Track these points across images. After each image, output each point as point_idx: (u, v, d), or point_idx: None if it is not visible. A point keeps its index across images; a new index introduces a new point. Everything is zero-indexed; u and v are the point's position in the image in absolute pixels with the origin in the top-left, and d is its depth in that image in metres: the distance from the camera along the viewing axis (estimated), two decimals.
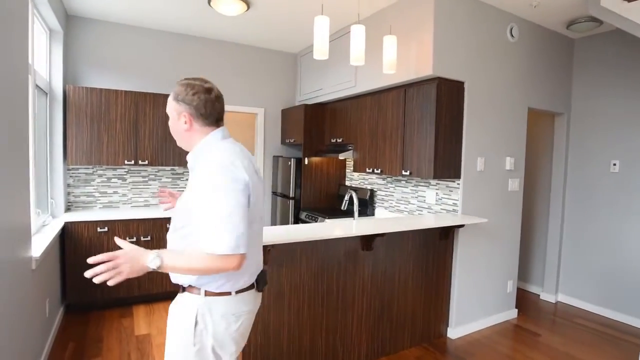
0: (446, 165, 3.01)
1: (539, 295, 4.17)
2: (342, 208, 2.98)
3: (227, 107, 4.53)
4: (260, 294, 1.49)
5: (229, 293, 1.33)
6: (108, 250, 1.44)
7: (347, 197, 2.89)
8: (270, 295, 2.31)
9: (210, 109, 1.38)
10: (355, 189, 4.17)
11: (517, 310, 3.65)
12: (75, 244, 3.28)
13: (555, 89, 3.77)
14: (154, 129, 3.77)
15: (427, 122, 2.97)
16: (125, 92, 3.64)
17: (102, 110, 3.56)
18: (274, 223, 4.77)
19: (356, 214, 2.95)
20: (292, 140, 4.49)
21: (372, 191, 3.99)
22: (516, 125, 3.46)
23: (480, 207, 3.22)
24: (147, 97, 3.73)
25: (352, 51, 2.68)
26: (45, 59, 3.33)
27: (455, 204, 3.14)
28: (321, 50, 2.52)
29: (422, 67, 2.92)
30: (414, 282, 2.94)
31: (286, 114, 4.70)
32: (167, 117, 1.50)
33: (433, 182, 3.33)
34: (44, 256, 2.47)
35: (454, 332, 3.16)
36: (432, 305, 3.08)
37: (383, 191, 3.90)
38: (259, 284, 1.43)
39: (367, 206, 3.98)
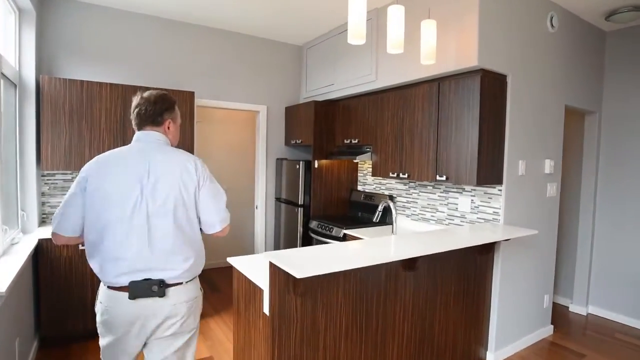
0: (489, 169, 2.65)
1: (567, 307, 3.89)
2: (374, 220, 2.57)
3: (225, 104, 3.97)
4: (145, 302, 1.45)
5: (104, 284, 1.49)
6: (92, 273, 1.47)
7: (380, 208, 2.48)
8: (304, 331, 1.88)
9: (132, 116, 1.60)
10: (371, 195, 3.78)
11: (552, 326, 3.33)
12: (51, 266, 2.75)
13: (588, 85, 3.48)
14: None
15: (468, 121, 2.61)
16: (111, 84, 3.12)
17: (84, 105, 3.04)
18: (277, 233, 4.32)
19: (395, 226, 2.53)
20: (298, 141, 4.05)
21: (391, 197, 3.60)
22: (554, 125, 3.15)
23: (521, 215, 2.88)
24: (136, 91, 3.18)
25: (390, 37, 2.29)
26: (13, 44, 2.78)
27: (496, 213, 2.78)
28: (357, 33, 2.11)
29: (464, 57, 2.55)
30: (455, 303, 2.57)
31: (291, 112, 4.26)
32: None
33: (468, 188, 2.97)
34: (12, 288, 1.95)
35: (494, 356, 2.81)
36: (472, 328, 2.71)
37: (404, 197, 3.52)
38: (131, 291, 1.43)
39: (385, 214, 3.59)
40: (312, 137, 3.77)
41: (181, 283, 1.51)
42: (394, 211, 2.45)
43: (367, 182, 3.98)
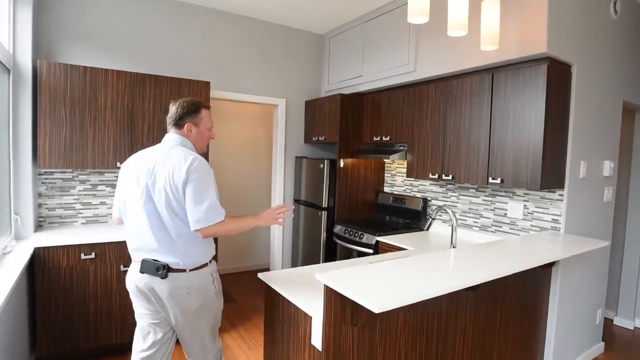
0: (551, 171, 2.33)
1: (611, 320, 3.59)
2: (424, 228, 2.24)
3: (241, 96, 3.59)
4: (152, 278, 1.64)
5: None
6: (96, 286, 1.91)
7: (434, 215, 2.15)
8: None
9: None
10: (401, 198, 3.45)
11: (603, 343, 3.04)
12: (49, 278, 2.40)
13: None
14: (154, 120, 2.91)
15: (529, 117, 2.28)
16: (118, 72, 2.77)
17: (87, 95, 2.68)
18: (295, 237, 3.98)
19: (455, 237, 2.17)
20: (321, 138, 3.71)
21: (425, 200, 3.27)
22: (611, 122, 2.84)
23: (580, 223, 2.57)
24: (145, 80, 2.87)
25: (452, 17, 1.96)
26: (7, 24, 2.42)
27: (555, 220, 2.47)
28: (419, 10, 1.78)
29: (529, 42, 2.23)
30: (514, 323, 2.25)
31: (313, 106, 3.91)
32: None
33: (519, 192, 2.66)
34: (2, 308, 1.61)
35: None
36: (528, 350, 2.40)
37: (441, 201, 3.19)
38: (141, 267, 1.65)
39: (419, 219, 3.26)
40: (338, 133, 3.43)
41: (184, 270, 1.66)
42: (453, 219, 2.11)
43: (396, 183, 3.65)
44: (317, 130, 3.81)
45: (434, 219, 2.16)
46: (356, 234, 3.17)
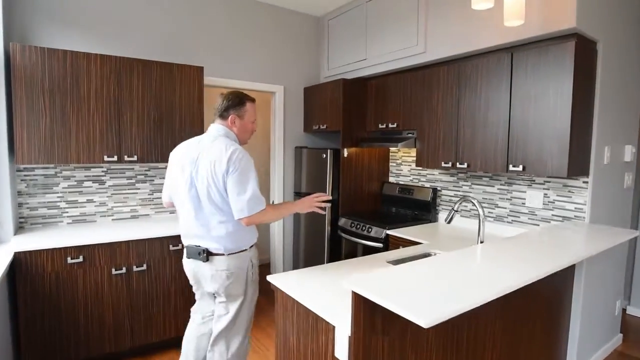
0: (577, 158, 2.18)
1: (624, 309, 3.50)
2: (446, 221, 2.06)
3: (237, 83, 3.59)
4: (196, 262, 1.82)
5: None
6: (85, 292, 2.13)
7: (456, 207, 1.97)
8: None
9: None
10: (409, 188, 3.28)
11: (621, 335, 2.94)
12: (33, 285, 2.17)
13: None
14: (144, 109, 2.67)
15: (554, 99, 2.11)
16: (102, 56, 2.51)
17: (69, 82, 2.42)
18: (297, 232, 3.79)
19: (482, 230, 1.98)
20: (322, 127, 3.51)
21: (435, 191, 3.11)
22: (633, 105, 2.69)
23: (602, 212, 2.43)
24: (133, 65, 2.62)
25: None
26: None
27: (578, 209, 2.33)
28: None
29: (554, 17, 2.05)
30: (540, 322, 2.11)
31: (313, 93, 3.69)
32: (161, 93, 2.23)
33: (539, 179, 2.50)
34: None
35: None
36: (552, 349, 2.27)
37: (451, 190, 3.04)
38: (186, 252, 1.84)
39: (428, 210, 3.10)
40: (341, 121, 3.23)
41: (223, 254, 1.78)
42: (480, 211, 1.94)
43: (402, 172, 3.47)
44: (317, 118, 3.60)
45: (457, 210, 1.98)
46: (364, 228, 2.99)
